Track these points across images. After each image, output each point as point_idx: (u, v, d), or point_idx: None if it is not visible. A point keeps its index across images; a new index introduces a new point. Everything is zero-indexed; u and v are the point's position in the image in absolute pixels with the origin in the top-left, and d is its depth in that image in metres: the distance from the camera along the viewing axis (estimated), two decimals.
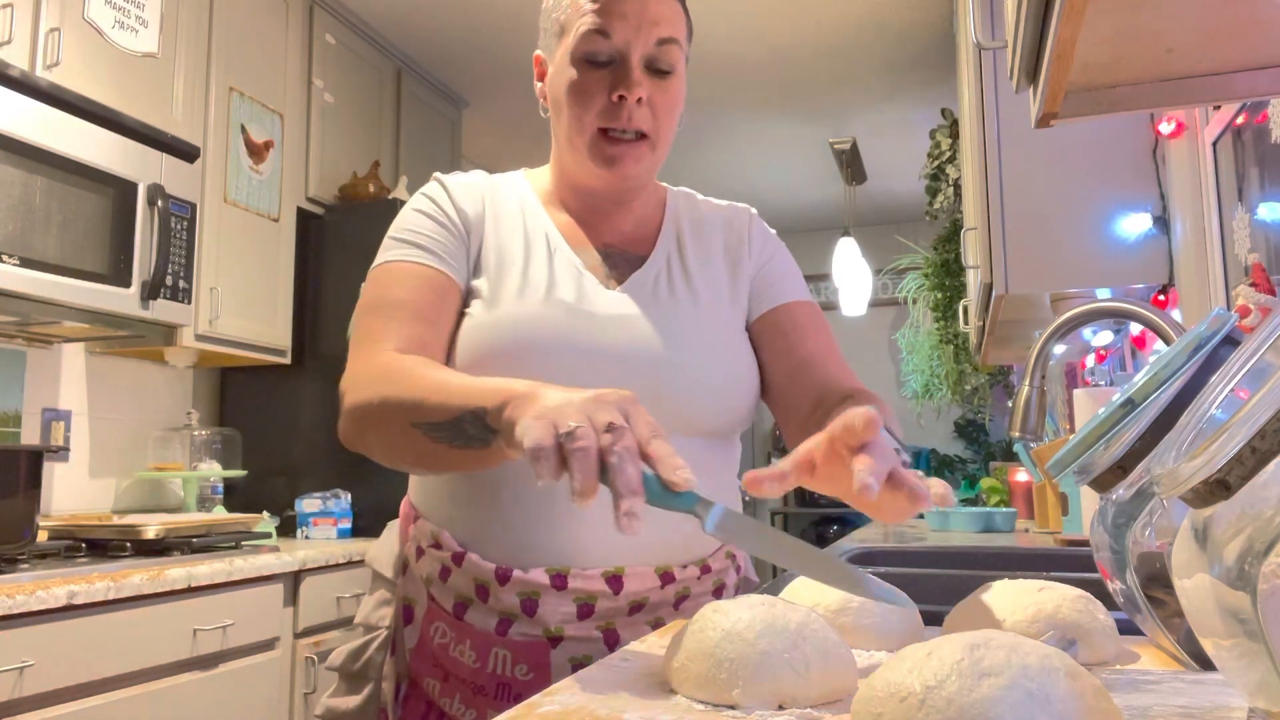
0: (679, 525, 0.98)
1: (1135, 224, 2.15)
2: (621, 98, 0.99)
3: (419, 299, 1.00)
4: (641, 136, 1.02)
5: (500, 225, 1.07)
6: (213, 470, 2.94)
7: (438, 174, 1.12)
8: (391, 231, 1.07)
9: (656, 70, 1.02)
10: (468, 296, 1.03)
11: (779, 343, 1.09)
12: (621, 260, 1.08)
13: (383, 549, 1.13)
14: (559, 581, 0.95)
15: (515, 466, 0.81)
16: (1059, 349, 3.18)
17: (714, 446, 1.05)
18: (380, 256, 1.05)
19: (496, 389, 0.79)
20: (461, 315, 1.02)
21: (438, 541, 1.00)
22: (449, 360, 1.00)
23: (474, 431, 0.80)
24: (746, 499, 1.15)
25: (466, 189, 1.09)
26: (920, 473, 0.72)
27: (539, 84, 1.10)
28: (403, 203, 2.32)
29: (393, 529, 1.14)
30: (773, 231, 1.20)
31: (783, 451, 0.79)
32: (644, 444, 0.68)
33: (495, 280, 1.02)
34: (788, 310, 1.11)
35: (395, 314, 0.99)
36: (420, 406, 0.85)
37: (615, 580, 0.96)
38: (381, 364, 0.94)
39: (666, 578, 0.99)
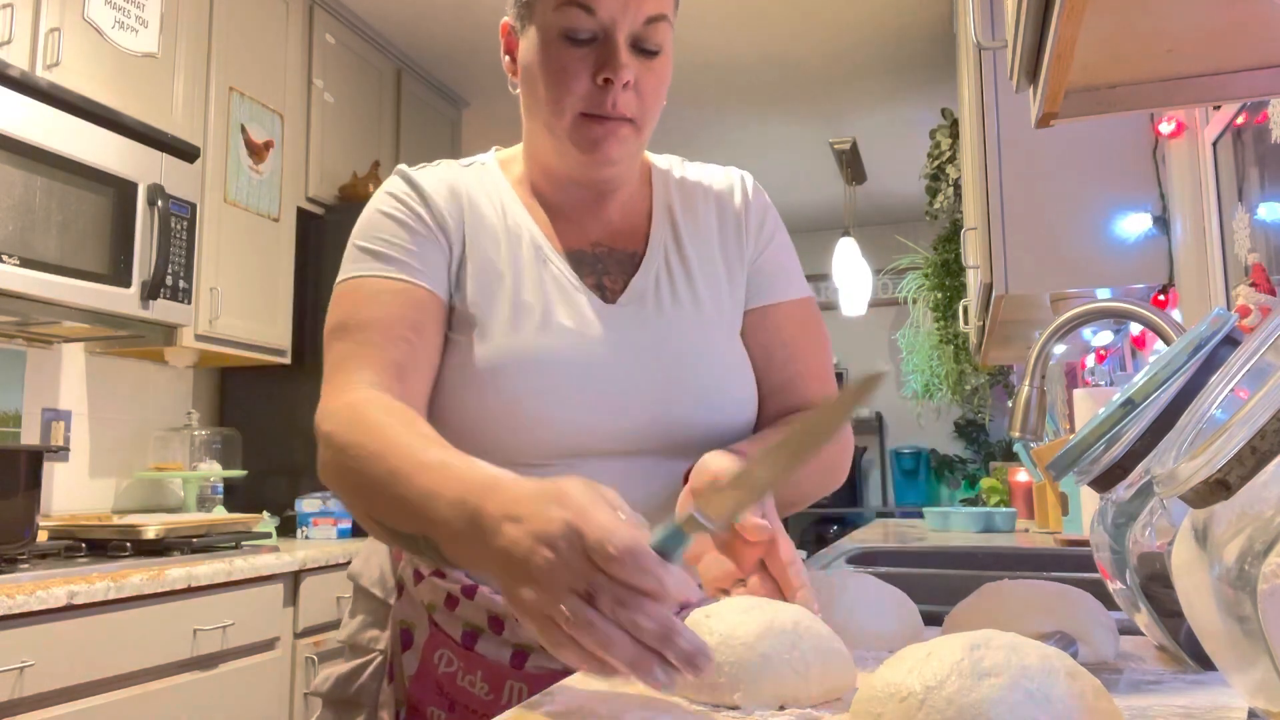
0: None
1: (1135, 224, 2.15)
2: (607, 81, 0.89)
3: (394, 317, 0.90)
4: (626, 119, 0.93)
5: (481, 231, 0.98)
6: (213, 470, 2.94)
7: (402, 168, 1.02)
8: (356, 238, 0.97)
9: (643, 50, 0.91)
10: (450, 316, 0.95)
11: (776, 354, 1.02)
12: (614, 262, 1.00)
13: (369, 563, 1.05)
14: None
15: None
16: (1059, 349, 3.17)
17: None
18: (346, 269, 0.95)
19: (447, 515, 0.68)
20: (446, 338, 0.94)
21: (441, 570, 0.94)
22: (436, 387, 0.92)
23: (431, 557, 0.73)
24: None
25: (439, 189, 0.99)
26: (803, 556, 0.69)
27: (506, 57, 0.99)
28: None
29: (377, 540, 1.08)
30: (766, 199, 1.11)
31: None
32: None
33: (483, 304, 0.94)
34: (785, 313, 1.04)
35: (369, 336, 0.89)
36: (377, 501, 0.77)
37: None
38: (355, 411, 0.83)
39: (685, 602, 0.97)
